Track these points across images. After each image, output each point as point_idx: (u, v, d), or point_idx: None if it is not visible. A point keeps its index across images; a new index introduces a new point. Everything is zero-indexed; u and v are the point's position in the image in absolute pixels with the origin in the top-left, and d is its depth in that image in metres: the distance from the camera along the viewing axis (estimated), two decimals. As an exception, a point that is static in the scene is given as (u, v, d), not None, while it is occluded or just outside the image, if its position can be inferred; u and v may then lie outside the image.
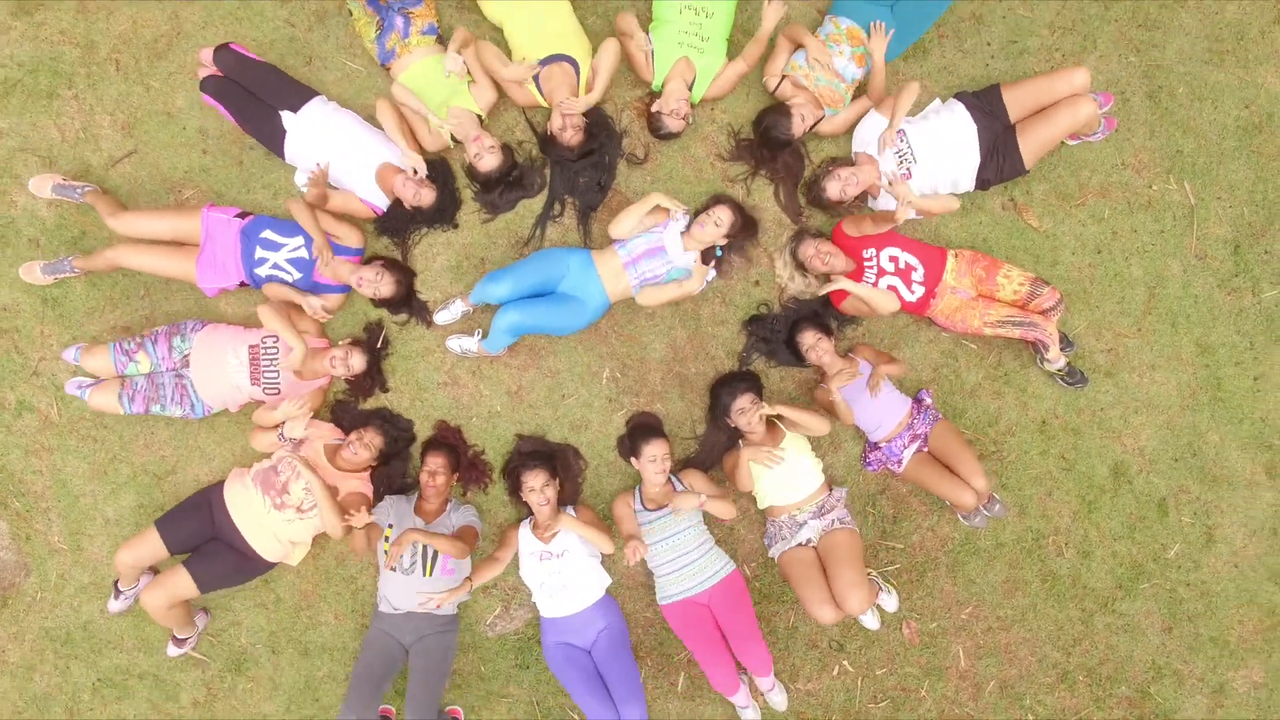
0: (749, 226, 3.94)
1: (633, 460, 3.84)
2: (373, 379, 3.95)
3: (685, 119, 3.87)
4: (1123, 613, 4.21)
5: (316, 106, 3.82)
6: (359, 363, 3.77)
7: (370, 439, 3.72)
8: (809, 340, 3.81)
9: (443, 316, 3.98)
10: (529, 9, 3.83)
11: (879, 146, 3.82)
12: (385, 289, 3.78)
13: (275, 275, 3.83)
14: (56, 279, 3.94)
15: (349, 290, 3.92)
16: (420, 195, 3.78)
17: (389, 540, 3.75)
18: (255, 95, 3.80)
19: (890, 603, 4.03)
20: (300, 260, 3.81)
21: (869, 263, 3.86)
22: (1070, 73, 3.75)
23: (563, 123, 3.77)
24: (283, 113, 3.78)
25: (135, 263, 3.75)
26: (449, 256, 4.06)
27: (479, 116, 3.91)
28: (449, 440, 3.98)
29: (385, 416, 3.95)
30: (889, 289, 3.83)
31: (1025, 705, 4.19)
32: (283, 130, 3.77)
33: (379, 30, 3.86)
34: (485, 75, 3.88)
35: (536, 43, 3.83)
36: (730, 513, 3.69)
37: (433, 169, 3.91)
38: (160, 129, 4.01)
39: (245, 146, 4.02)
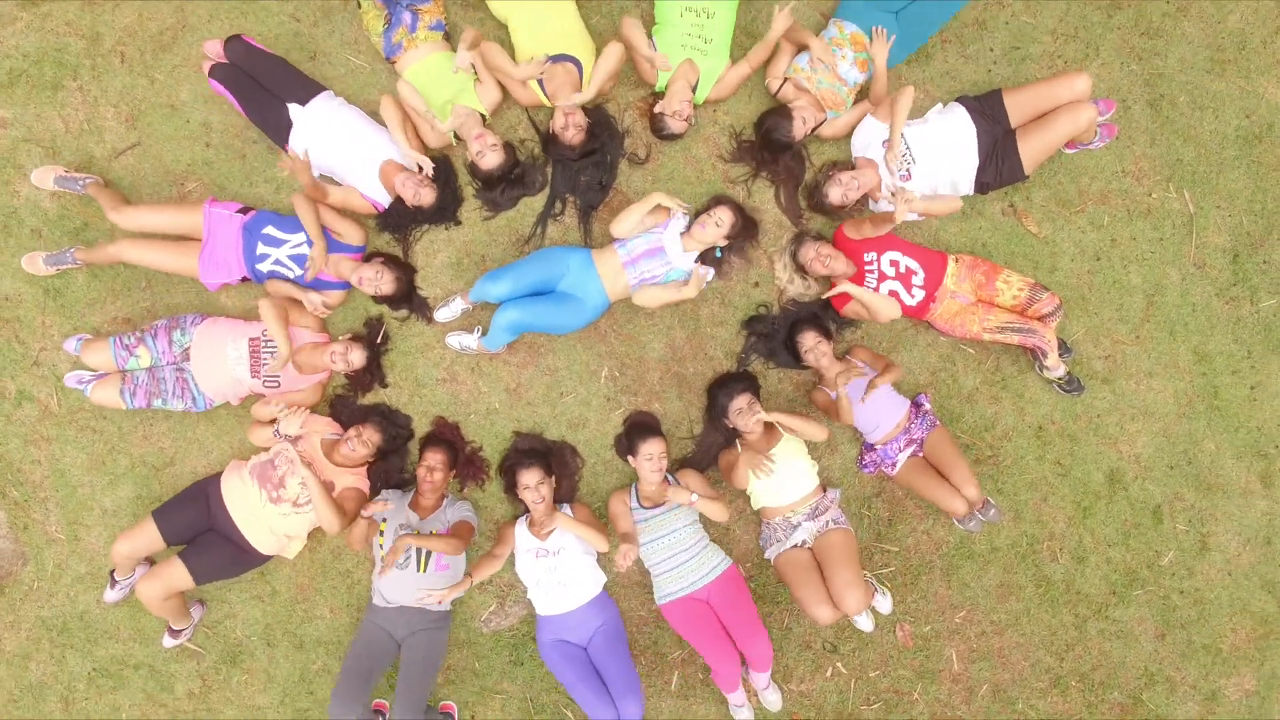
0: (749, 228, 3.95)
1: (630, 459, 3.85)
2: (372, 374, 3.95)
3: (688, 120, 3.88)
4: (1116, 619, 4.22)
5: (324, 101, 3.83)
6: (358, 358, 3.78)
7: (369, 436, 3.72)
8: (808, 342, 3.81)
9: (442, 314, 3.99)
10: (534, 8, 3.83)
11: (887, 166, 3.82)
12: (386, 286, 3.79)
13: (277, 271, 3.84)
14: (58, 270, 3.95)
15: (350, 287, 3.92)
16: (420, 195, 3.79)
17: (384, 534, 3.76)
18: (263, 86, 3.81)
19: (884, 605, 4.04)
20: (302, 257, 3.82)
21: (870, 267, 3.87)
22: (1071, 79, 3.75)
23: (564, 121, 3.78)
24: (290, 105, 3.78)
25: (137, 258, 3.76)
26: (450, 253, 4.07)
27: (482, 115, 3.92)
28: (447, 436, 3.98)
29: (384, 413, 3.95)
30: (890, 294, 3.84)
31: (1018, 710, 4.20)
32: (289, 122, 3.78)
33: (386, 24, 3.87)
34: (491, 75, 3.89)
35: (540, 42, 3.84)
36: (723, 515, 3.70)
37: (434, 167, 3.91)
38: (164, 122, 4.02)
39: (248, 140, 4.03)
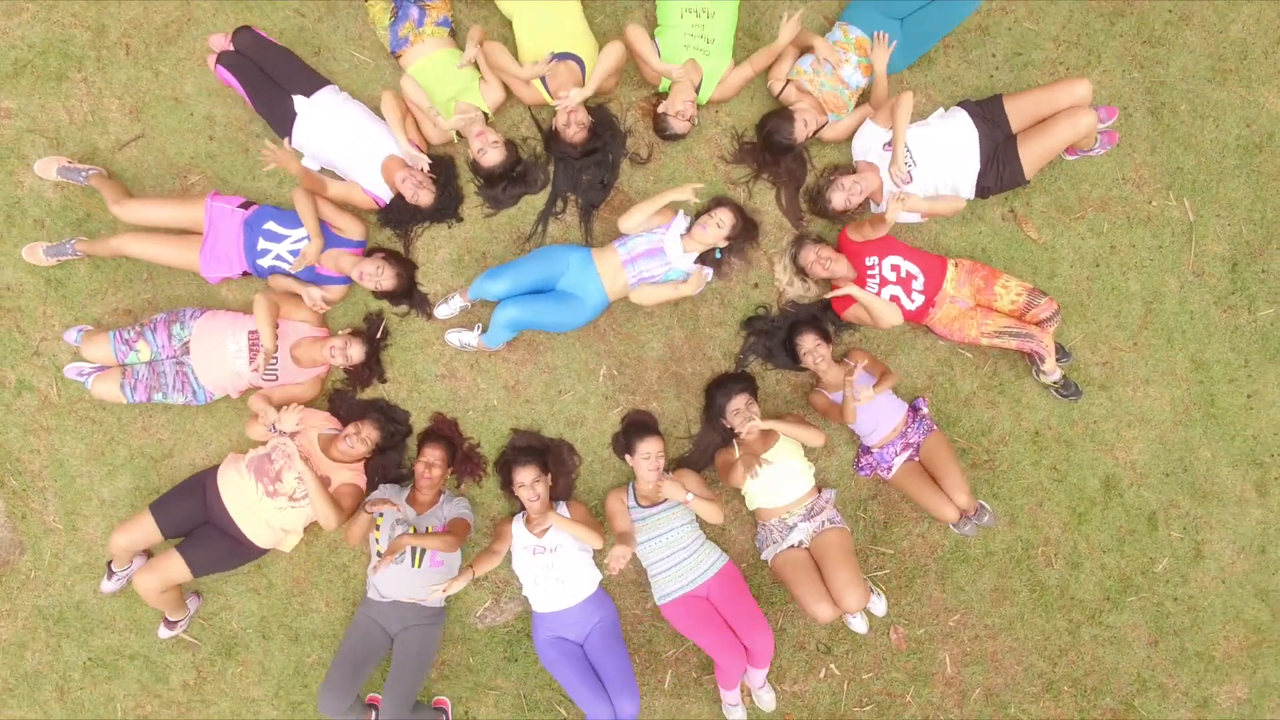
0: (750, 229, 3.96)
1: (627, 457, 3.85)
2: (371, 369, 3.96)
3: (691, 120, 3.89)
4: (1109, 625, 4.23)
5: (329, 94, 3.84)
6: (357, 353, 3.78)
7: (367, 433, 3.73)
8: (808, 344, 3.82)
9: (442, 311, 4.00)
10: (539, 7, 3.84)
11: (891, 176, 3.83)
12: (386, 281, 3.79)
13: (277, 266, 3.85)
14: (59, 261, 3.96)
15: (350, 282, 3.93)
16: (419, 195, 3.79)
17: (380, 529, 3.77)
18: (270, 76, 3.81)
19: (879, 607, 4.05)
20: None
21: (871, 271, 3.88)
22: (1072, 84, 3.76)
23: (567, 119, 3.79)
24: (295, 97, 3.79)
25: (138, 251, 3.77)
26: (451, 250, 4.08)
27: (485, 114, 3.93)
28: (445, 432, 3.99)
29: (382, 409, 3.95)
30: (892, 300, 3.85)
31: (1010, 714, 4.21)
32: (293, 114, 3.78)
33: (393, 18, 3.87)
34: (495, 75, 3.90)
35: (544, 40, 3.85)
36: (718, 517, 3.70)
37: (435, 166, 3.92)
38: (168, 114, 4.03)
39: (252, 134, 4.04)
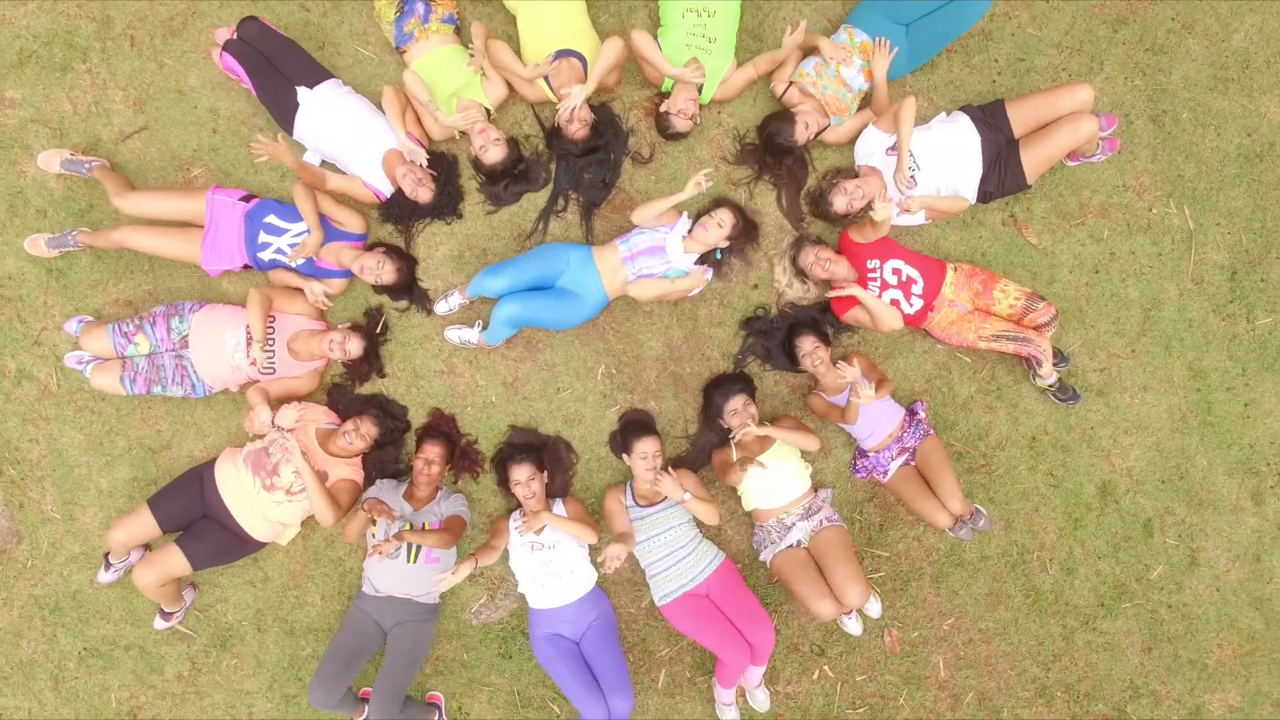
0: (750, 229, 3.96)
1: (624, 457, 3.86)
2: (370, 364, 3.96)
3: (692, 119, 3.89)
4: (1103, 631, 4.23)
5: (332, 87, 3.85)
6: (356, 347, 3.78)
7: (366, 430, 3.73)
8: (807, 347, 3.83)
9: (441, 307, 4.01)
10: (544, 5, 3.84)
11: (895, 183, 3.83)
12: (387, 276, 3.80)
13: (278, 260, 3.86)
14: (61, 252, 3.97)
15: (351, 276, 3.94)
16: (418, 191, 3.80)
17: (377, 524, 3.77)
18: (274, 66, 3.82)
19: (874, 609, 4.05)
20: None
21: (873, 274, 3.89)
22: (1074, 89, 3.76)
23: (569, 116, 3.79)
24: (299, 88, 3.80)
25: (140, 244, 3.78)
26: (451, 246, 4.08)
27: (487, 110, 3.94)
28: (443, 428, 4.00)
29: (381, 404, 3.95)
30: (892, 303, 3.86)
31: (1003, 718, 4.21)
32: (296, 104, 3.79)
33: (399, 13, 3.88)
34: (498, 73, 3.90)
35: (548, 37, 3.85)
36: (714, 518, 3.71)
37: (437, 163, 3.93)
38: (171, 106, 4.04)
39: (255, 128, 4.05)
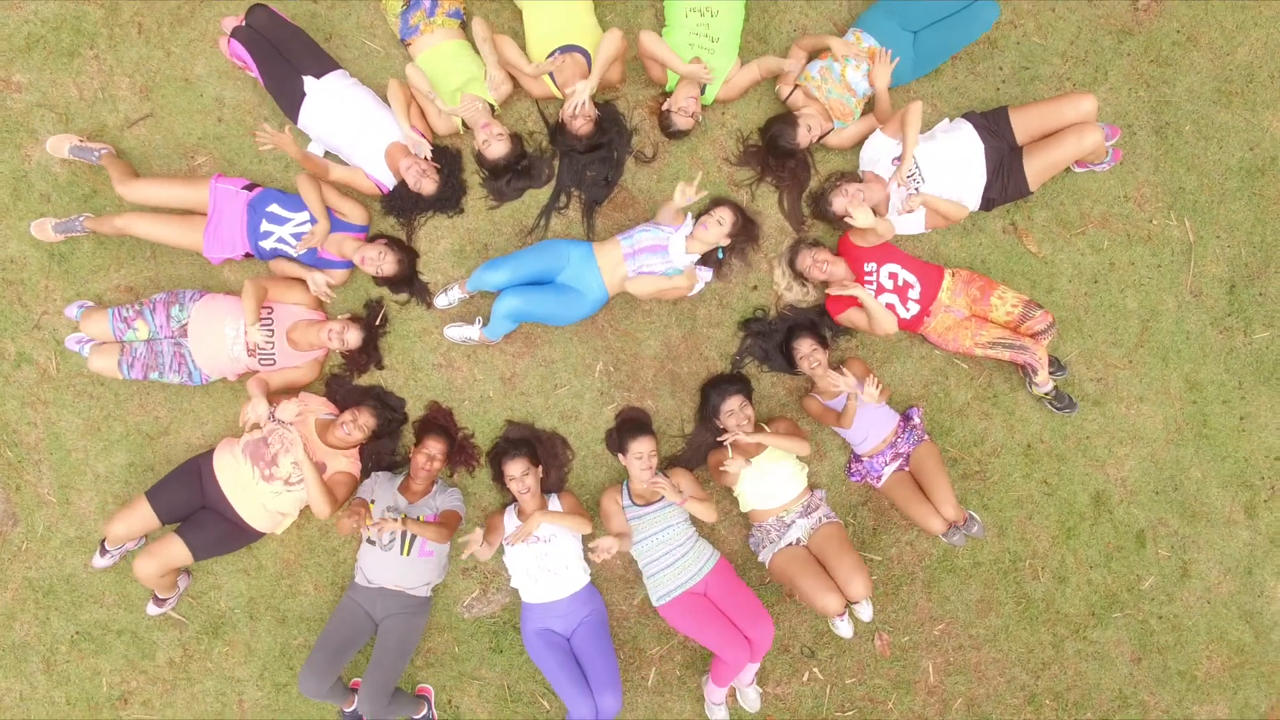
0: (750, 228, 3.97)
1: (620, 456, 3.87)
2: (368, 355, 3.98)
3: (694, 117, 3.90)
4: (1094, 640, 4.24)
5: (338, 78, 3.86)
6: (355, 338, 3.80)
7: (364, 421, 3.74)
8: (805, 349, 3.84)
9: (441, 301, 4.02)
10: (550, 2, 3.85)
11: (896, 182, 3.84)
12: (388, 267, 3.81)
13: (280, 249, 3.87)
14: (67, 237, 3.98)
15: (352, 266, 3.95)
16: (422, 184, 3.81)
17: (371, 517, 3.77)
18: (282, 55, 3.82)
19: (865, 612, 4.05)
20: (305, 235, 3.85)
21: (869, 277, 3.90)
22: (1078, 99, 3.77)
23: (573, 112, 3.80)
24: (305, 77, 3.81)
25: (143, 231, 3.79)
26: (453, 240, 4.09)
27: (491, 106, 3.94)
28: (440, 422, 4.01)
29: (379, 396, 3.97)
30: (887, 308, 3.87)
31: (991, 725, 4.24)
32: (302, 94, 3.80)
33: (405, 5, 3.89)
34: (502, 69, 3.91)
35: (553, 32, 3.86)
36: (712, 516, 3.73)
37: (441, 156, 3.94)
38: (177, 94, 4.05)
39: (260, 117, 4.06)
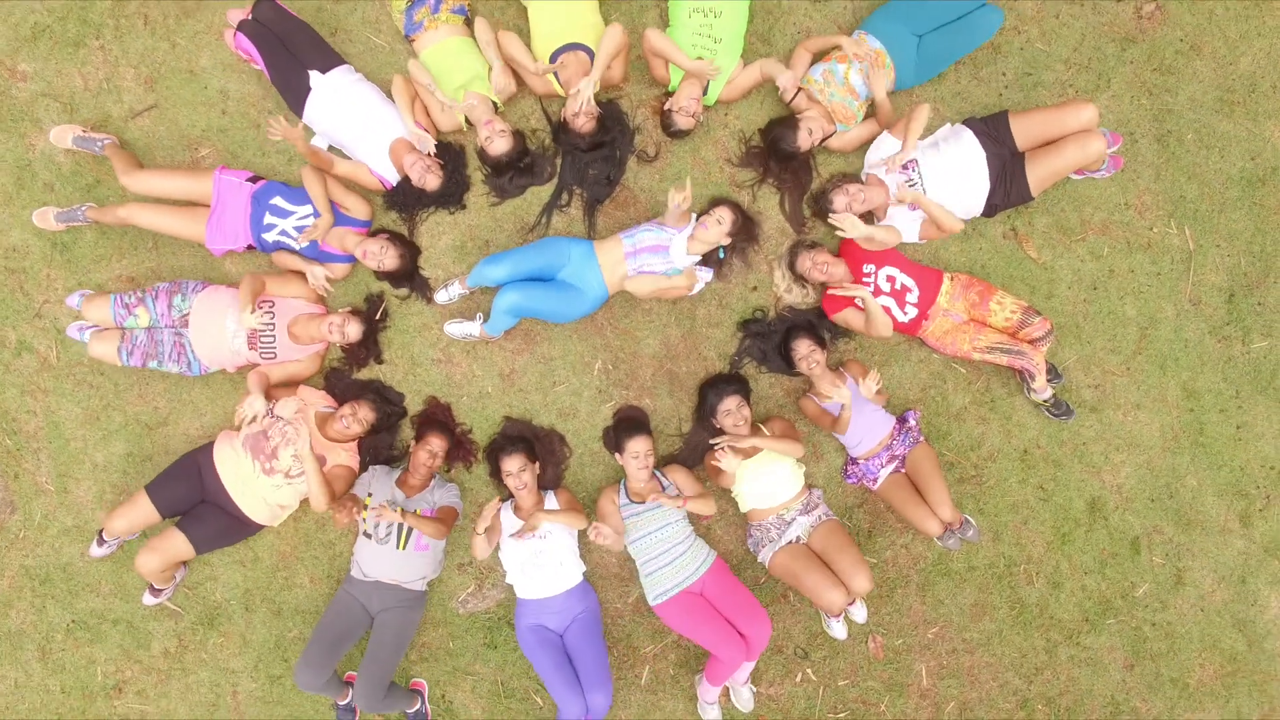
0: (750, 227, 3.98)
1: (617, 455, 3.88)
2: (368, 349, 3.98)
3: (695, 117, 3.91)
4: (1087, 646, 4.25)
5: (344, 73, 3.86)
6: (355, 331, 3.80)
7: (363, 414, 3.75)
8: (803, 350, 3.85)
9: (441, 296, 4.03)
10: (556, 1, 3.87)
11: (887, 168, 3.86)
12: (389, 262, 3.82)
13: (282, 242, 3.88)
14: (68, 226, 3.99)
15: (353, 261, 3.96)
16: (426, 179, 3.82)
17: (369, 509, 3.78)
18: (288, 49, 3.83)
19: (860, 614, 4.06)
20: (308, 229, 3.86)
21: (867, 279, 3.90)
22: (1079, 108, 3.77)
23: (575, 109, 3.81)
24: (311, 72, 3.81)
25: (146, 221, 3.79)
26: (454, 236, 4.10)
27: (494, 103, 3.95)
28: (439, 417, 4.02)
29: (378, 390, 3.98)
30: (883, 310, 3.88)
31: (983, 729, 4.24)
32: (308, 88, 3.80)
33: (410, 2, 3.90)
34: (507, 67, 3.91)
35: (558, 30, 3.87)
36: (711, 509, 3.77)
37: (445, 152, 3.94)
38: (182, 86, 4.06)
39: (264, 110, 4.07)
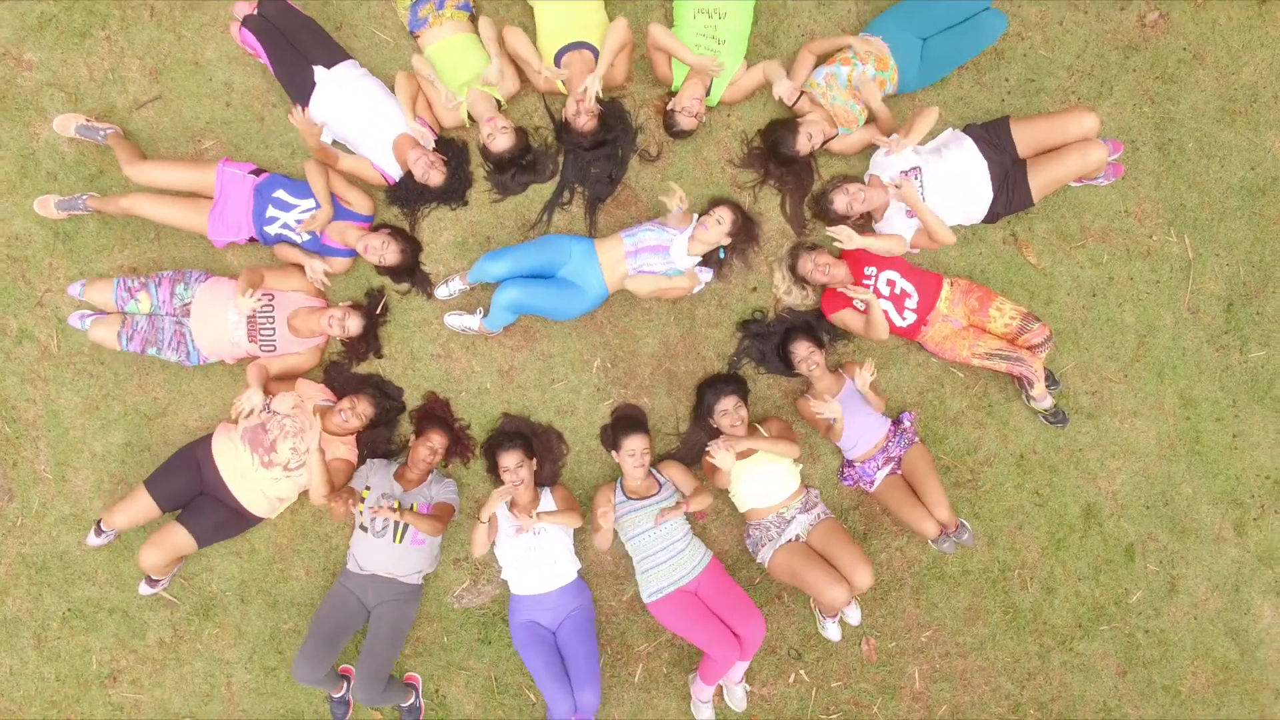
0: (749, 227, 3.99)
1: (614, 453, 3.89)
2: (368, 343, 3.99)
3: (697, 117, 3.92)
4: (1080, 652, 4.25)
5: (349, 68, 3.87)
6: (355, 325, 3.81)
7: (362, 409, 3.76)
8: (802, 351, 3.86)
9: (441, 292, 4.03)
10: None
11: (886, 150, 3.86)
12: (390, 257, 3.82)
13: (284, 235, 3.88)
14: (69, 215, 4.00)
15: (354, 255, 3.96)
16: (429, 175, 3.83)
17: (366, 502, 3.79)
18: (292, 44, 3.84)
19: (854, 616, 4.07)
20: None
21: (867, 281, 3.91)
22: (1080, 116, 3.77)
23: (577, 108, 3.82)
24: (316, 67, 3.82)
25: (148, 212, 3.80)
26: (455, 232, 4.11)
27: (498, 101, 3.96)
28: (438, 412, 4.02)
29: (377, 384, 3.98)
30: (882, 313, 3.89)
31: (975, 733, 4.25)
32: (312, 83, 3.81)
33: None
34: (510, 65, 3.92)
35: (563, 29, 3.88)
36: (708, 499, 3.84)
37: (448, 149, 3.95)
38: (187, 78, 4.07)
39: (268, 104, 4.08)
